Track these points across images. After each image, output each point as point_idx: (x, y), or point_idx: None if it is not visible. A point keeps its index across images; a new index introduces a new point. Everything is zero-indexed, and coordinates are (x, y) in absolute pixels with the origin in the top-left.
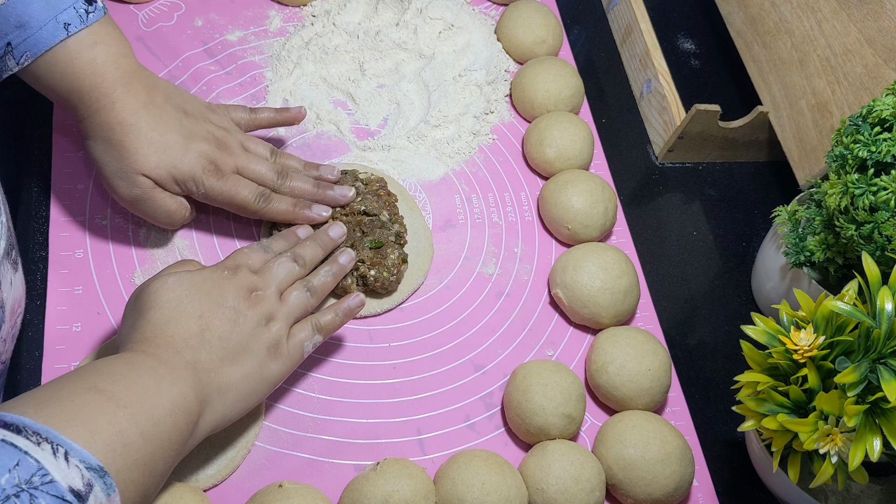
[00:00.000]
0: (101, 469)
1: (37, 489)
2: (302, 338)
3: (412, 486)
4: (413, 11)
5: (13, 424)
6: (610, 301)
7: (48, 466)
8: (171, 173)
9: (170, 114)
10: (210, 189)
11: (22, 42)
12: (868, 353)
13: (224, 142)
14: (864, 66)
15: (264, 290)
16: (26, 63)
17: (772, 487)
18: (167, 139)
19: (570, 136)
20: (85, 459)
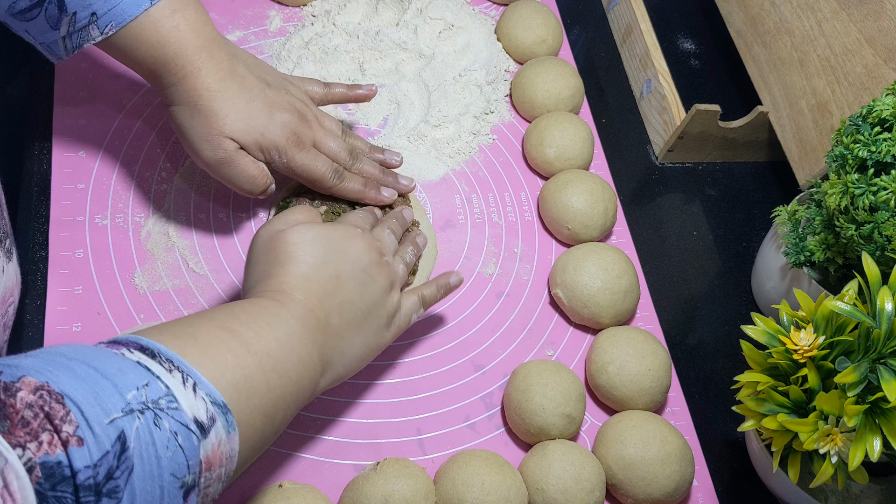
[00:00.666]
0: (224, 406)
1: (162, 411)
2: (411, 309)
3: (412, 486)
4: (413, 11)
5: (149, 349)
6: (610, 301)
7: (176, 393)
8: (257, 140)
9: (253, 83)
10: (292, 159)
11: (108, 12)
12: (868, 353)
13: (304, 114)
14: (864, 66)
15: (388, 256)
16: (110, 33)
17: (772, 487)
18: (253, 107)
19: (570, 136)
20: (211, 394)
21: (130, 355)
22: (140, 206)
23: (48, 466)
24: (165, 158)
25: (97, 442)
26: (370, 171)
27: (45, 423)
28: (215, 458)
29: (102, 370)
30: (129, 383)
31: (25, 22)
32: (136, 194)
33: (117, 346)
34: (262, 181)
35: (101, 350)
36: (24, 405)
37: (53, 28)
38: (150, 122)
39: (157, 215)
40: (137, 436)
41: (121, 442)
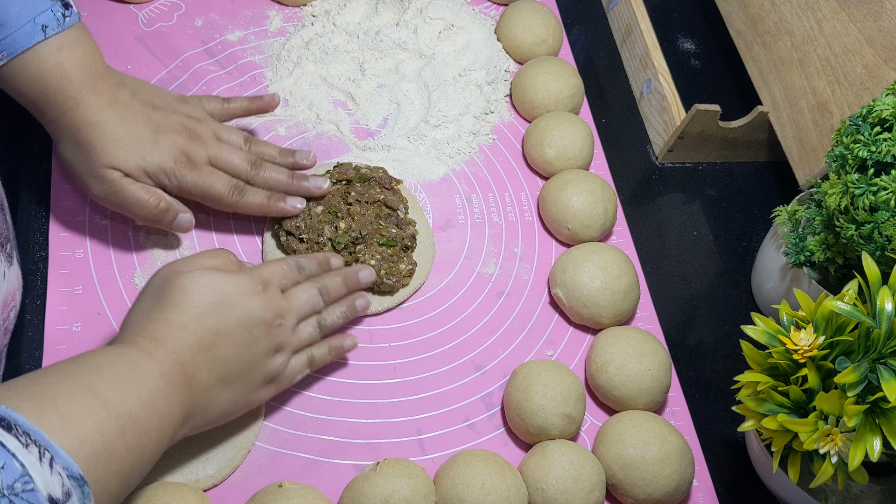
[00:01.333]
0: (81, 478)
1: (17, 495)
2: (296, 370)
3: (412, 486)
4: (413, 11)
5: (5, 419)
6: (610, 301)
7: (32, 473)
8: (140, 166)
9: (136, 109)
10: (182, 181)
11: (0, 41)
12: (868, 353)
13: (196, 132)
14: (864, 66)
15: (286, 320)
16: (1, 63)
17: (772, 487)
18: (135, 133)
19: (570, 136)
20: (68, 467)
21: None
22: None
23: None
24: None
25: None
26: (277, 178)
27: None
28: None
29: None
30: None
31: None
32: None
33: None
34: (154, 204)
35: None
36: None
37: None
38: None
39: None
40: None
41: None
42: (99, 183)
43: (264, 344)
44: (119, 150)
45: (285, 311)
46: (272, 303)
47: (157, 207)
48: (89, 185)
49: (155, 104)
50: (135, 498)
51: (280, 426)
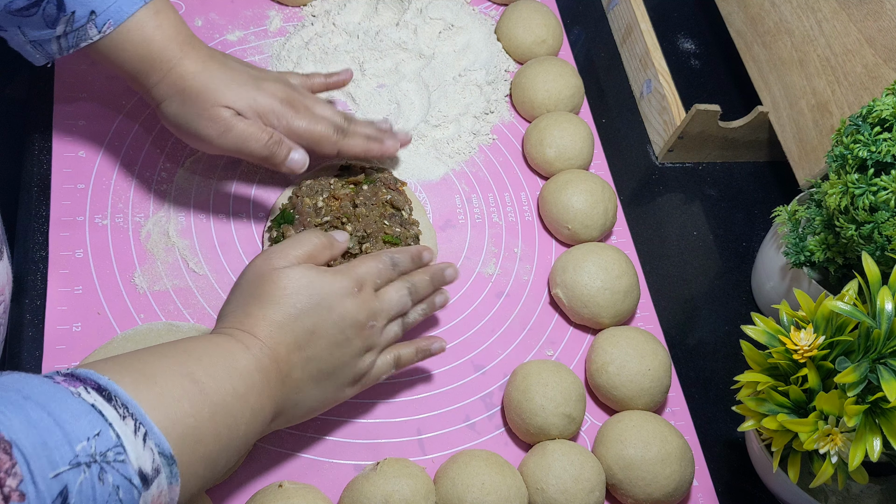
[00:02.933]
0: (171, 458)
1: (109, 464)
2: (382, 370)
3: (412, 486)
4: (413, 11)
5: (106, 390)
6: (610, 301)
7: (126, 444)
8: (251, 106)
9: (234, 65)
10: (290, 122)
11: (106, 10)
12: (868, 353)
13: (292, 85)
14: (864, 66)
15: (378, 322)
16: (108, 31)
17: (772, 487)
18: (241, 78)
19: (570, 136)
20: (160, 445)
21: (87, 396)
22: (140, 206)
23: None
24: (165, 158)
25: (39, 497)
26: (368, 131)
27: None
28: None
29: (56, 415)
30: (80, 433)
31: (20, 18)
32: (136, 194)
33: (76, 381)
34: (267, 137)
35: (58, 389)
36: None
37: (49, 27)
38: (149, 122)
39: (157, 215)
40: (80, 490)
41: (62, 497)
42: (212, 123)
43: (356, 345)
44: (229, 90)
45: (378, 312)
46: (366, 304)
47: (272, 139)
48: (200, 130)
49: (248, 64)
50: None
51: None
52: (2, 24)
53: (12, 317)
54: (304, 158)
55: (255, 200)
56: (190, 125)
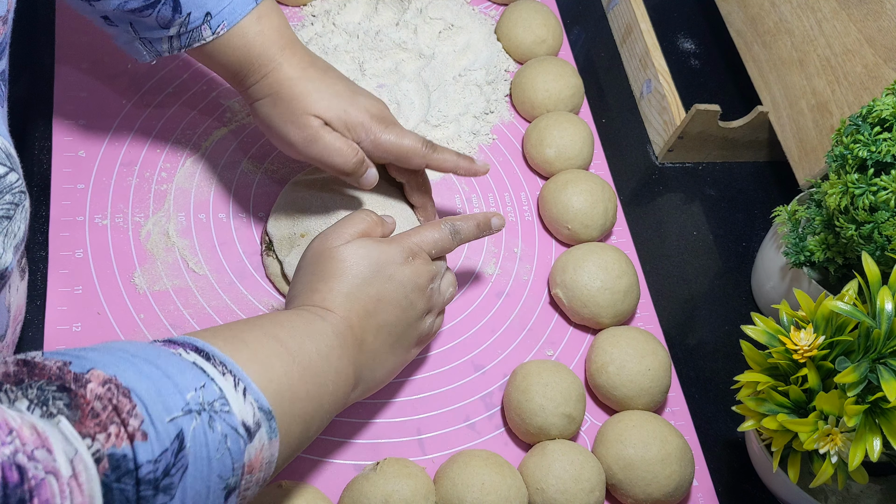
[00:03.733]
0: (270, 413)
1: (217, 413)
2: (436, 328)
3: (412, 486)
4: (413, 11)
5: (204, 350)
6: (610, 301)
7: (229, 397)
8: (341, 117)
9: (333, 73)
10: (378, 137)
11: (220, 11)
12: (868, 353)
13: (384, 101)
14: (864, 66)
15: (436, 283)
16: (222, 32)
17: (772, 487)
18: (336, 89)
19: (570, 136)
20: (258, 399)
21: (187, 356)
22: (140, 206)
23: (115, 458)
24: (165, 158)
25: (159, 438)
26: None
27: (114, 416)
28: (257, 463)
29: (164, 368)
30: (187, 384)
31: (133, 16)
32: (136, 194)
33: (174, 345)
34: (352, 155)
35: (160, 349)
36: (94, 396)
37: (162, 27)
38: (149, 122)
39: (157, 215)
40: (194, 436)
41: (179, 440)
42: (299, 130)
43: (419, 307)
44: (322, 100)
45: (434, 274)
46: (421, 268)
47: (356, 157)
48: (287, 133)
49: (346, 77)
50: None
51: None
52: (113, 21)
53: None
54: (376, 175)
55: (255, 200)
56: (279, 129)
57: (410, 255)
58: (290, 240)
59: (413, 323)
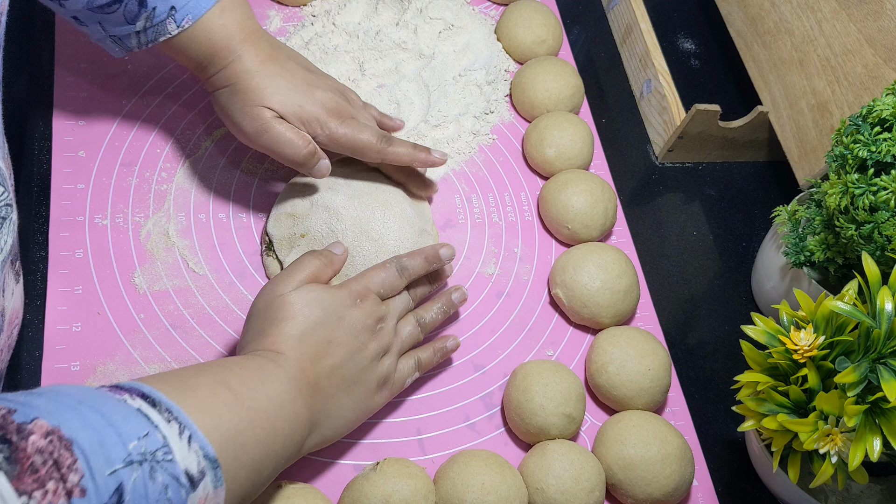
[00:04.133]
0: (215, 461)
1: (159, 463)
2: (406, 373)
3: (412, 486)
4: (413, 11)
5: (150, 397)
6: (610, 301)
7: (173, 445)
8: (296, 112)
9: (293, 66)
10: (334, 131)
11: (185, 5)
12: (868, 353)
13: (344, 94)
14: (864, 66)
15: (387, 323)
16: (187, 26)
17: (772, 487)
18: (292, 84)
19: (570, 136)
20: (204, 447)
21: (133, 402)
22: (140, 206)
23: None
24: (165, 158)
25: (98, 493)
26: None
27: (53, 471)
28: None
29: (108, 417)
30: (131, 432)
31: (101, 15)
32: (136, 194)
33: (121, 391)
34: (303, 146)
35: (106, 395)
36: (35, 450)
37: (129, 22)
38: (149, 122)
39: (157, 215)
40: (134, 488)
41: (118, 494)
42: (252, 121)
43: (371, 348)
44: (276, 94)
45: (385, 315)
46: (370, 309)
47: (307, 148)
48: (241, 124)
49: (308, 67)
50: None
51: None
52: (83, 20)
53: None
54: (328, 166)
55: (255, 200)
56: (235, 118)
57: (358, 298)
58: (290, 240)
59: (368, 365)
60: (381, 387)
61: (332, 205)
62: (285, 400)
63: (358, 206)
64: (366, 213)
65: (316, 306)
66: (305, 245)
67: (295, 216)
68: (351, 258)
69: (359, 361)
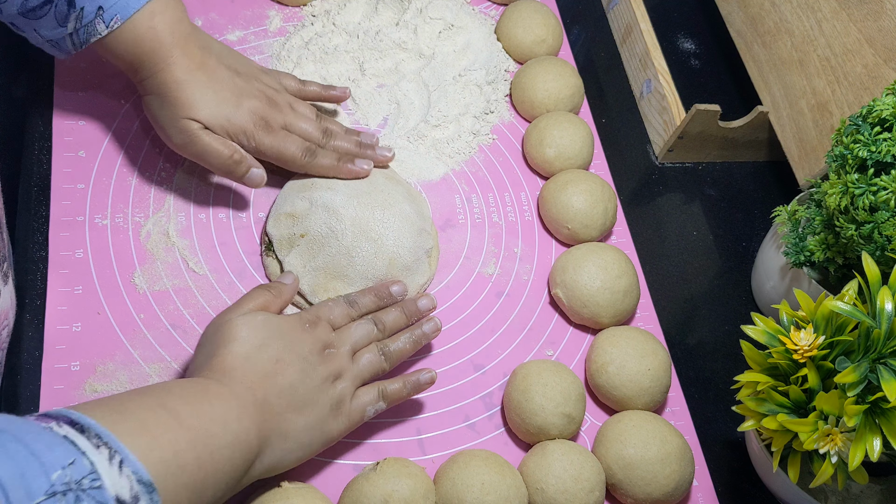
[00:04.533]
0: (150, 485)
1: (84, 491)
2: (366, 401)
3: (412, 485)
4: (413, 11)
5: (79, 423)
6: (610, 301)
7: (101, 471)
8: (223, 126)
9: (222, 74)
10: (260, 142)
11: (113, 5)
12: (868, 353)
13: (274, 100)
14: (864, 66)
15: (338, 349)
16: (115, 26)
17: (772, 487)
18: (220, 96)
19: (570, 136)
20: (137, 472)
21: (59, 429)
22: (140, 206)
23: None
24: (165, 158)
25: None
26: (345, 146)
27: None
28: None
29: (31, 447)
30: (55, 462)
31: (35, 20)
32: (136, 194)
33: (47, 419)
34: (229, 155)
35: (31, 424)
36: None
37: (61, 24)
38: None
39: (157, 215)
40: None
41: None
42: (179, 133)
43: (321, 370)
44: (204, 107)
45: (335, 341)
46: (321, 335)
47: (231, 158)
48: (171, 135)
49: (239, 70)
50: None
51: None
52: (19, 26)
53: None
54: (262, 175)
55: (255, 200)
56: (164, 127)
57: (308, 323)
58: (289, 240)
59: (318, 386)
60: (335, 412)
61: (332, 204)
62: (231, 417)
63: (357, 206)
64: (365, 213)
65: (262, 328)
66: (305, 245)
67: (294, 216)
68: (350, 258)
69: (308, 382)
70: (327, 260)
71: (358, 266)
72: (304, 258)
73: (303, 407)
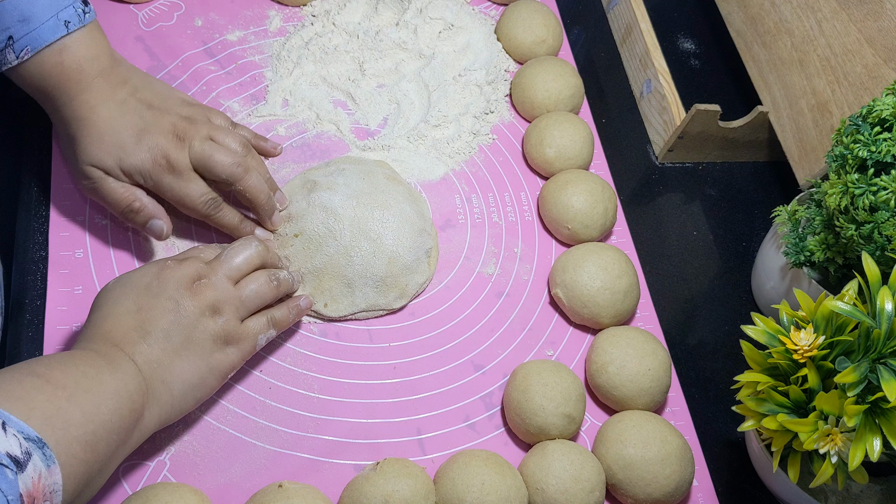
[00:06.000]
0: (39, 440)
1: None
2: (256, 329)
3: (412, 486)
4: (413, 11)
5: None
6: (610, 301)
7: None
8: (119, 165)
9: (130, 107)
10: (159, 183)
11: (24, 36)
12: (868, 353)
13: (184, 135)
14: (864, 66)
15: (209, 277)
16: (26, 57)
17: (772, 487)
18: (121, 134)
19: (570, 136)
20: (23, 430)
21: None
22: None
23: None
24: None
25: None
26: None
27: None
28: (38, 493)
29: None
30: None
31: None
32: None
33: None
34: (126, 204)
35: None
36: None
37: None
38: None
39: None
40: None
41: None
42: (82, 177)
43: (192, 305)
44: (100, 149)
45: (205, 272)
46: (188, 269)
47: (129, 207)
48: (75, 177)
49: (153, 104)
50: (133, 497)
51: (280, 426)
52: None
53: (13, 317)
54: (161, 227)
55: None
56: (70, 169)
57: (171, 261)
58: (283, 240)
59: (193, 322)
60: (222, 344)
61: (331, 204)
62: (104, 375)
63: (356, 206)
64: (364, 213)
65: (115, 287)
66: (300, 245)
67: (291, 216)
68: (349, 258)
69: (179, 320)
70: (325, 260)
71: (357, 266)
72: (300, 258)
73: (180, 348)
